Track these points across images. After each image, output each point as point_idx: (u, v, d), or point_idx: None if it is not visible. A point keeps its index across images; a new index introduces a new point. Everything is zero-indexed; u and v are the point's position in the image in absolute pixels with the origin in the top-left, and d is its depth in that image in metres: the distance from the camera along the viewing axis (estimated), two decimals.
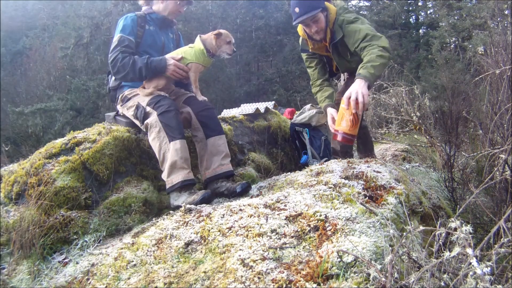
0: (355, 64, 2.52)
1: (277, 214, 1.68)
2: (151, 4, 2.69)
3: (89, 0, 11.93)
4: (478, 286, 1.04)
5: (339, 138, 2.24)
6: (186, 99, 2.59)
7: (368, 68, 2.23)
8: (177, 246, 1.62)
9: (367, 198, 1.84)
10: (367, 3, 18.28)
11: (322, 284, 1.27)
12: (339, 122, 2.22)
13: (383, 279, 1.17)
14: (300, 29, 2.79)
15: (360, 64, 2.33)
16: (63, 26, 12.38)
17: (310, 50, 2.84)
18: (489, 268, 1.06)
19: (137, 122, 2.41)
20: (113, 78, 2.65)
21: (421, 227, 1.34)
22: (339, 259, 1.34)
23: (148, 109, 2.31)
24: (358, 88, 2.13)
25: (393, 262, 1.20)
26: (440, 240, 1.29)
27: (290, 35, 16.23)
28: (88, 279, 1.61)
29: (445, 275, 1.15)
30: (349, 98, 2.14)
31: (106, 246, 1.90)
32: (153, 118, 2.25)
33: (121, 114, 2.61)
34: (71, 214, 2.06)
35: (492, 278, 1.06)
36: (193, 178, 2.21)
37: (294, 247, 1.47)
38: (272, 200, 1.86)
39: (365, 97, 2.12)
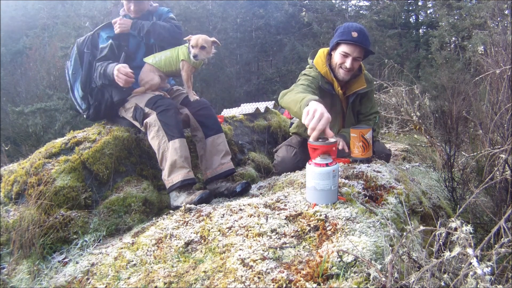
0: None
1: (277, 214, 1.68)
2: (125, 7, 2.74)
3: (89, 0, 11.93)
4: (478, 286, 1.04)
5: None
6: (183, 99, 2.60)
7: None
8: (177, 245, 1.62)
9: (367, 197, 1.84)
10: (367, 3, 18.26)
11: (322, 284, 1.27)
12: (352, 150, 2.37)
13: (383, 279, 1.17)
14: (323, 63, 2.48)
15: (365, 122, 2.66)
16: (63, 25, 12.38)
17: (335, 90, 2.49)
18: (489, 268, 1.06)
19: (136, 124, 2.41)
20: None
21: (421, 227, 1.34)
22: (339, 259, 1.33)
23: (147, 109, 2.31)
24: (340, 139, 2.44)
25: (393, 262, 1.20)
26: (440, 240, 1.29)
27: (290, 35, 16.22)
28: (88, 279, 1.61)
29: (445, 275, 1.15)
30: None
31: (106, 245, 1.89)
32: (152, 117, 2.25)
33: (120, 116, 2.61)
34: (71, 213, 2.06)
35: (492, 278, 1.06)
36: (193, 177, 2.21)
37: (294, 247, 1.47)
38: (272, 199, 1.86)
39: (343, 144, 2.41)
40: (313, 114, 1.66)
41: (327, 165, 1.66)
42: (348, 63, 2.36)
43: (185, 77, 2.48)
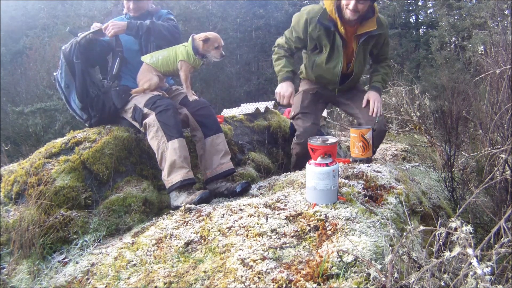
0: (358, 70, 2.78)
1: (277, 214, 1.68)
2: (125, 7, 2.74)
3: (89, 0, 11.94)
4: (478, 286, 1.04)
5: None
6: (182, 99, 2.59)
7: (382, 82, 2.84)
8: (177, 245, 1.62)
9: (367, 197, 1.84)
10: None
11: (322, 284, 1.27)
12: (352, 149, 2.40)
13: (383, 279, 1.17)
14: (331, 2, 2.58)
15: (376, 77, 2.87)
16: (63, 25, 12.38)
17: (338, 29, 2.57)
18: (489, 268, 1.06)
19: (136, 124, 2.41)
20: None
21: (421, 227, 1.34)
22: (339, 259, 1.33)
23: (146, 110, 2.31)
24: (376, 98, 2.71)
25: (393, 262, 1.20)
26: (440, 240, 1.29)
27: None
28: (88, 279, 1.61)
29: (445, 275, 1.15)
30: (370, 104, 2.69)
31: (106, 245, 1.89)
32: (151, 117, 2.25)
33: (120, 116, 2.62)
34: (71, 213, 2.06)
35: (492, 278, 1.06)
36: (193, 177, 2.21)
37: (294, 247, 1.47)
38: (272, 199, 1.86)
39: (380, 104, 2.70)
40: (279, 96, 2.65)
41: (327, 165, 1.67)
42: (351, 5, 2.45)
43: (184, 77, 2.47)
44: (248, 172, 2.91)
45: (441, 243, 1.29)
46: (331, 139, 1.81)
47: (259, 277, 1.30)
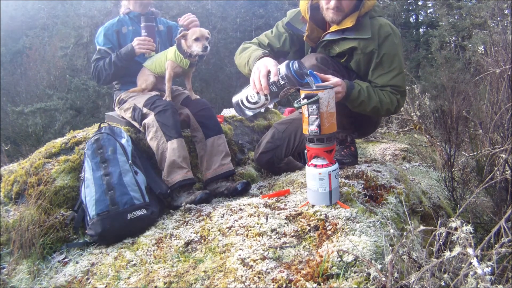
0: None
1: (277, 214, 1.68)
2: (130, 4, 2.70)
3: (89, 0, 11.92)
4: (478, 286, 1.03)
5: None
6: (184, 100, 2.60)
7: (367, 91, 1.95)
8: (177, 245, 1.62)
9: (367, 197, 1.84)
10: None
11: (322, 283, 1.27)
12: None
13: (384, 278, 1.17)
14: (304, 3, 2.08)
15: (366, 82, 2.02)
16: (63, 25, 12.37)
17: (303, 36, 2.12)
18: (489, 268, 1.06)
19: (135, 124, 2.42)
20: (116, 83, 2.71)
21: (422, 227, 1.33)
22: (339, 259, 1.33)
23: (145, 110, 2.32)
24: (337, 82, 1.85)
25: (394, 261, 1.20)
26: (441, 240, 1.28)
27: None
28: (88, 279, 1.61)
29: (445, 275, 1.15)
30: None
31: (106, 245, 1.89)
32: (150, 118, 2.26)
33: (119, 116, 2.62)
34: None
35: (492, 278, 1.06)
36: (192, 177, 2.21)
37: (294, 247, 1.47)
38: (272, 199, 1.86)
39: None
40: (253, 84, 1.79)
41: (325, 166, 1.66)
42: (332, 4, 1.94)
43: (167, 76, 2.47)
44: (248, 171, 2.91)
45: (441, 243, 1.28)
46: None
47: (259, 277, 1.30)
